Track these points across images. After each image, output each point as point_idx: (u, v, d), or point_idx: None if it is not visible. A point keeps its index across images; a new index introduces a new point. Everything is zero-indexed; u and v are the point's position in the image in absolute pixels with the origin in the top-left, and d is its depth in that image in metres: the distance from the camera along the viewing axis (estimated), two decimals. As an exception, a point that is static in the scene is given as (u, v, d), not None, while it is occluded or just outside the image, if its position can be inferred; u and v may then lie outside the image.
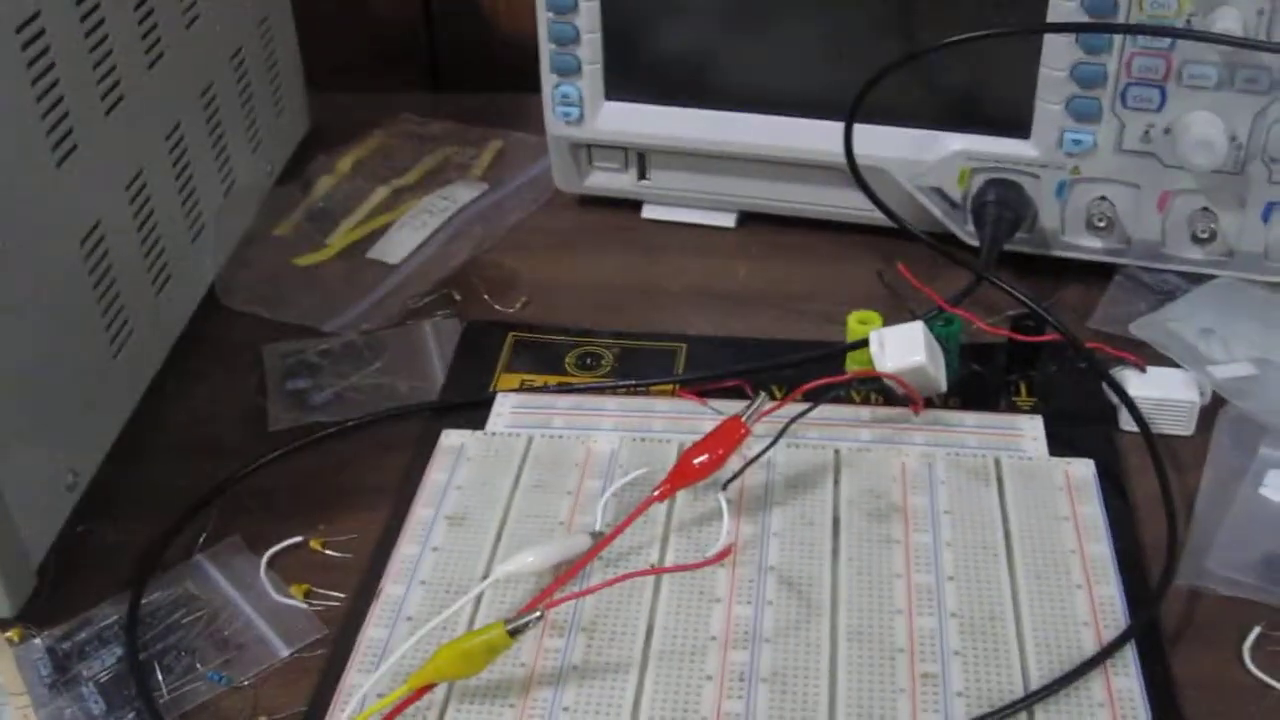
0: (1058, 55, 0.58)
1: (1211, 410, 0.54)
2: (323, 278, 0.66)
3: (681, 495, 0.49)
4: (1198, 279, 0.61)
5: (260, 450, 0.54)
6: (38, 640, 0.46)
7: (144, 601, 0.48)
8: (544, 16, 0.64)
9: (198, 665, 0.46)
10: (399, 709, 0.41)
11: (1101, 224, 0.61)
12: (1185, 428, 0.54)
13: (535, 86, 0.66)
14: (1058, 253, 0.63)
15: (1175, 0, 0.55)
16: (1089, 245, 0.62)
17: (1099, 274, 0.62)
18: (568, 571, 0.45)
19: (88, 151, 0.52)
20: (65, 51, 0.50)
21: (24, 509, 0.47)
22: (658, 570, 0.46)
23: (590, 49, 0.64)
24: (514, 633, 0.41)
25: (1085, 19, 0.57)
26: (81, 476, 0.52)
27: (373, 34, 0.89)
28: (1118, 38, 0.57)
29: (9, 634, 0.46)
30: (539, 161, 0.71)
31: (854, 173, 0.60)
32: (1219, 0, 0.55)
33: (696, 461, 0.47)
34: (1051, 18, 0.58)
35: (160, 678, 0.45)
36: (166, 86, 0.59)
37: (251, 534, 0.51)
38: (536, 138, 0.71)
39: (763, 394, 0.48)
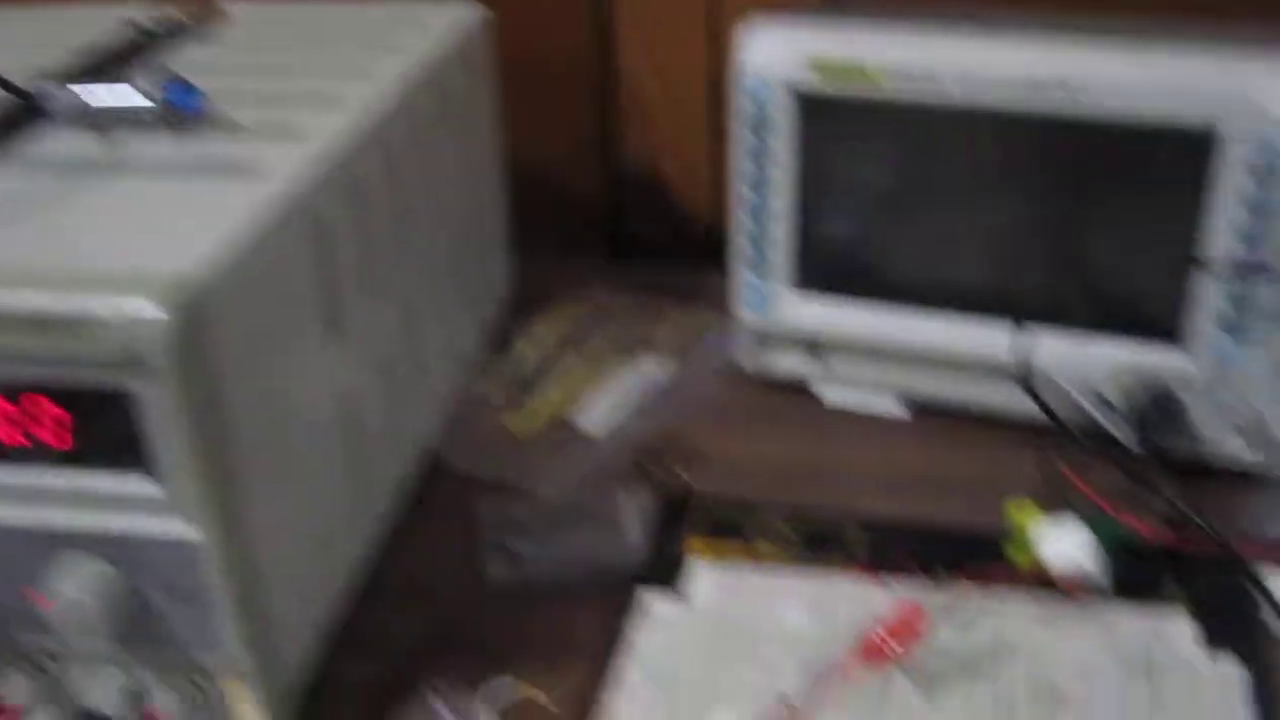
0: (1215, 281, 0.64)
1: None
2: (528, 442, 0.73)
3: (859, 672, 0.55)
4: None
5: (475, 601, 0.61)
6: (295, 766, 0.53)
7: (385, 735, 0.55)
8: (741, 219, 0.72)
9: (435, 799, 0.52)
10: None
11: (1250, 434, 0.66)
12: (1331, 634, 0.58)
13: (715, 261, 0.73)
14: (1211, 462, 0.68)
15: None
16: (1238, 454, 0.67)
17: (1249, 485, 0.67)
18: (763, 737, 0.51)
19: (351, 328, 0.60)
20: (342, 247, 0.59)
21: (291, 646, 0.54)
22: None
23: (781, 248, 0.71)
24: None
25: (1238, 246, 0.63)
26: (326, 618, 0.59)
27: (574, 206, 0.97)
28: (1271, 270, 0.62)
29: (272, 758, 0.53)
30: (721, 339, 0.78)
31: (1022, 382, 0.66)
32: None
33: (881, 641, 0.53)
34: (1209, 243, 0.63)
35: (402, 806, 0.52)
36: (410, 267, 0.68)
37: (475, 677, 0.57)
38: (713, 314, 0.77)
39: (952, 590, 0.54)
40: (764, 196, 0.70)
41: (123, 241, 0.50)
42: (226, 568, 0.50)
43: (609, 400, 0.76)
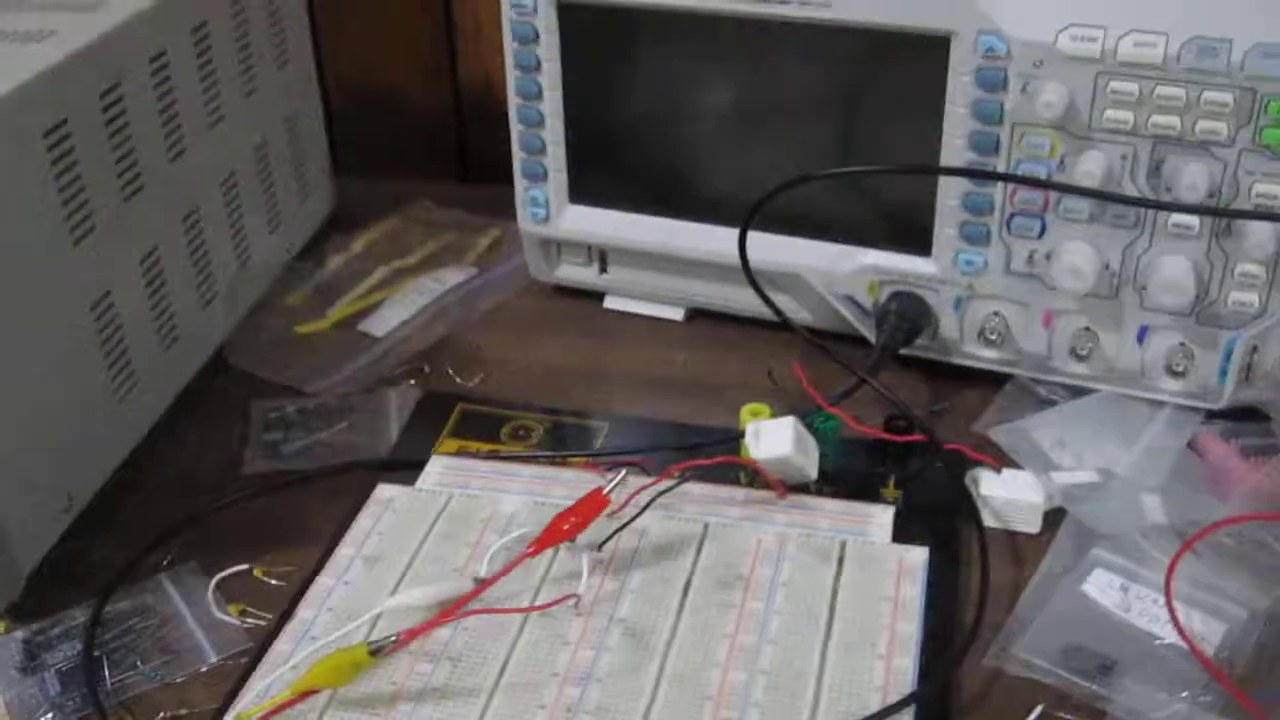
0: (952, 186, 0.66)
1: (1062, 514, 0.60)
2: (317, 345, 0.76)
3: (563, 553, 0.57)
4: (1083, 392, 0.68)
5: (231, 491, 0.64)
6: (17, 633, 0.56)
7: (108, 609, 0.57)
8: (515, 129, 0.74)
9: (139, 664, 0.55)
10: (281, 707, 0.50)
11: (994, 337, 0.68)
12: (1031, 526, 0.61)
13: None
14: (956, 360, 0.70)
15: (1048, 143, 0.63)
16: (984, 355, 0.69)
17: (995, 382, 0.69)
18: (447, 609, 0.54)
19: (104, 232, 0.62)
20: (88, 151, 0.61)
21: (21, 524, 0.57)
22: (495, 611, 0.54)
23: (555, 159, 0.74)
24: (373, 652, 0.50)
25: (972, 156, 0.64)
26: (76, 501, 0.62)
27: (411, 126, 0.99)
28: (1000, 174, 0.64)
29: (-4, 626, 0.56)
30: (523, 252, 0.81)
31: (748, 276, 0.68)
32: (1086, 144, 0.62)
33: (565, 526, 0.55)
34: (944, 156, 0.65)
35: (107, 671, 0.55)
36: (186, 177, 0.70)
37: (209, 561, 0.60)
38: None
39: (625, 470, 0.57)
40: (534, 107, 0.72)
41: None
42: (-71, 442, 0.52)
43: (401, 307, 0.78)
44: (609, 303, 0.78)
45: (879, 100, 0.67)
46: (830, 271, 0.70)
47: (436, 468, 0.64)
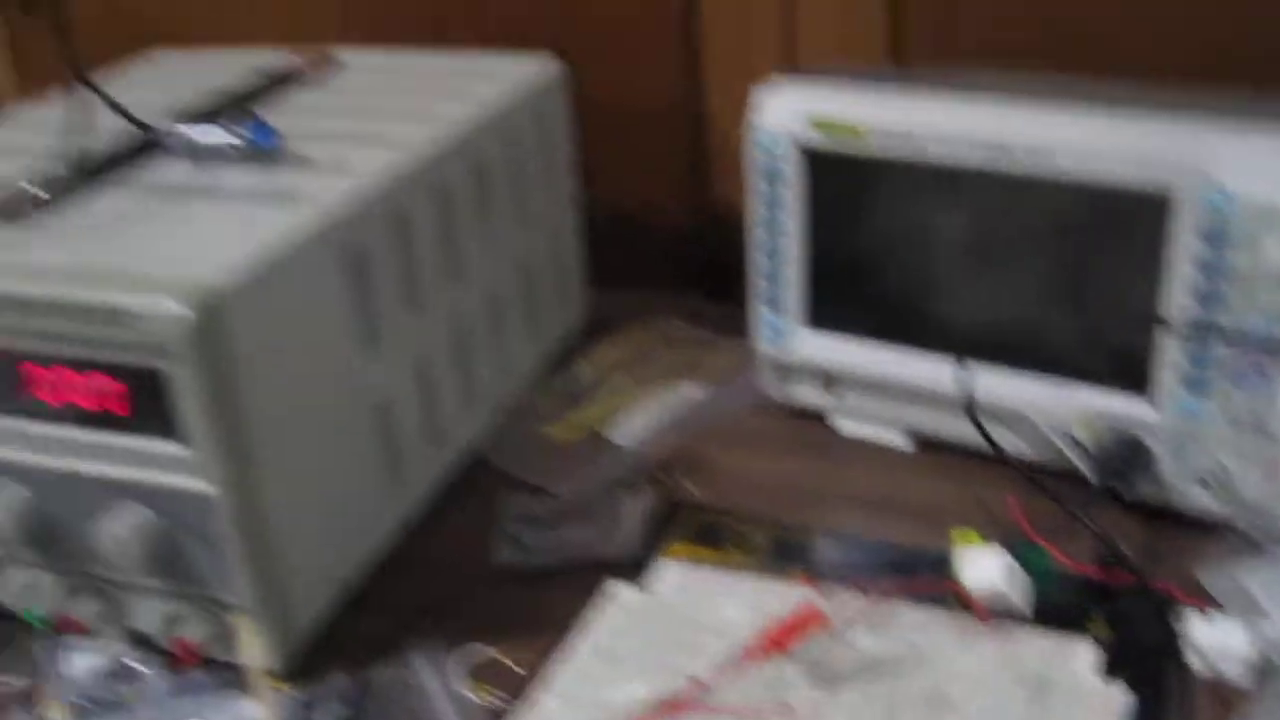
0: (1174, 338, 0.68)
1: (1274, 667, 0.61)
2: (564, 448, 0.82)
3: (777, 662, 0.62)
4: (1305, 544, 0.68)
5: (481, 579, 0.71)
6: (290, 691, 0.64)
7: (371, 676, 0.65)
8: (756, 259, 0.79)
9: (394, 731, 0.62)
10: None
11: (1213, 484, 0.69)
12: (1239, 676, 0.61)
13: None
14: (1173, 504, 0.71)
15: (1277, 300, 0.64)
16: (1201, 502, 0.70)
17: (1211, 528, 0.70)
18: (669, 705, 0.59)
19: (388, 342, 0.71)
20: (382, 272, 0.70)
21: (301, 601, 0.66)
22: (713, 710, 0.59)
23: (792, 288, 0.79)
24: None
25: (1196, 309, 0.66)
26: (349, 580, 0.70)
27: (660, 243, 1.07)
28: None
29: (273, 682, 0.64)
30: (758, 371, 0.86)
31: (966, 411, 0.71)
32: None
33: (781, 637, 0.60)
34: (1168, 305, 0.67)
35: (368, 735, 0.62)
36: (459, 294, 0.78)
37: (458, 642, 0.67)
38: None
39: (840, 588, 0.61)
40: (776, 240, 0.78)
41: (172, 252, 0.62)
42: (236, 521, 0.61)
43: (643, 417, 0.84)
44: (838, 425, 0.83)
45: (1104, 248, 0.70)
46: (1051, 410, 0.73)
47: (666, 571, 0.69)
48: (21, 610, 0.67)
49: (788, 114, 0.75)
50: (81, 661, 0.66)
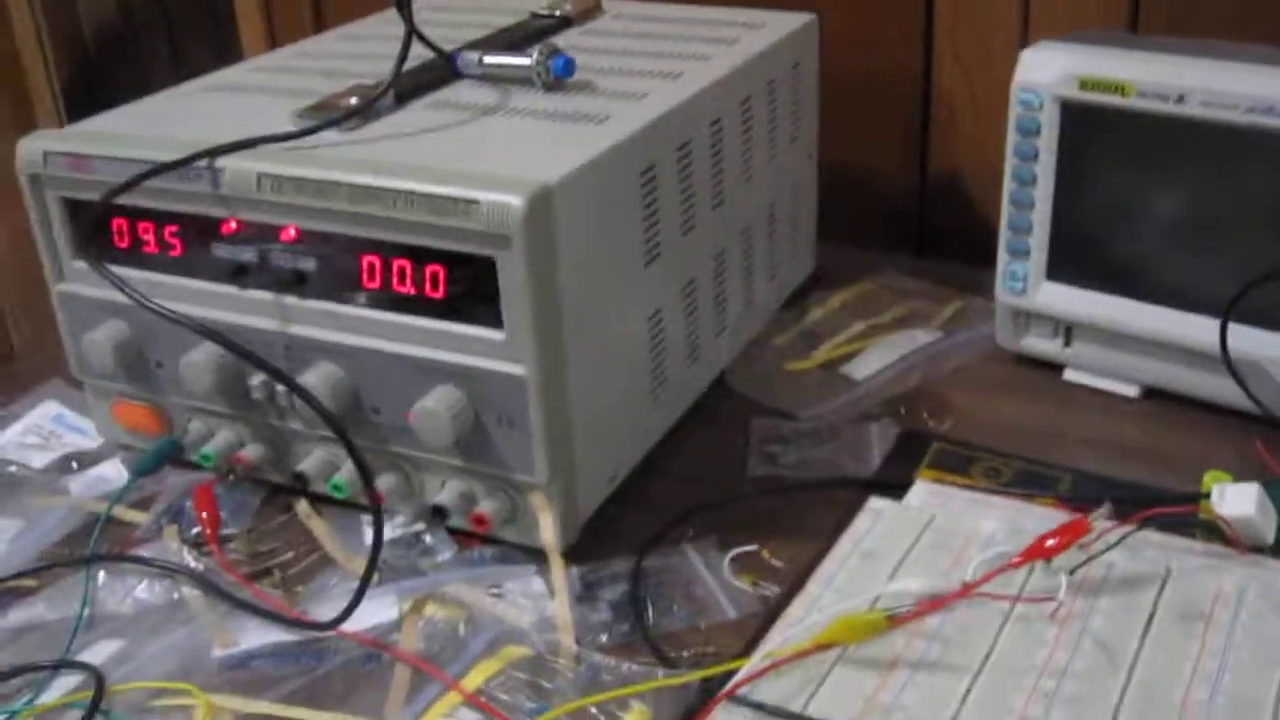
0: None
1: None
2: (804, 380, 0.87)
3: (1038, 572, 0.65)
4: None
5: (740, 487, 0.76)
6: (574, 569, 0.70)
7: (645, 563, 0.70)
8: (1007, 209, 0.83)
9: (674, 608, 0.67)
10: (804, 653, 0.60)
11: None
12: None
13: (994, 262, 0.85)
14: None
15: None
16: None
17: None
18: (940, 598, 0.63)
19: (665, 260, 0.76)
20: (665, 191, 0.75)
21: (585, 487, 0.71)
22: (991, 596, 0.63)
23: (1038, 239, 0.83)
24: (890, 618, 0.59)
25: None
26: (618, 476, 0.75)
27: (880, 203, 1.11)
28: None
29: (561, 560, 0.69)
30: (988, 322, 0.90)
31: (1226, 363, 0.74)
32: None
33: (1048, 543, 0.64)
34: None
35: (649, 609, 0.67)
36: (721, 223, 0.83)
37: (724, 539, 0.72)
38: (988, 303, 0.89)
39: (1109, 506, 0.64)
40: (1027, 191, 0.82)
41: (502, 157, 0.68)
42: (542, 401, 0.66)
43: (876, 357, 0.89)
44: (1068, 375, 0.86)
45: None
46: (1291, 364, 0.76)
47: (920, 491, 0.74)
48: (325, 483, 0.74)
49: (1053, 72, 0.79)
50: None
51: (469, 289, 0.66)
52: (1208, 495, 0.68)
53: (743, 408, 0.84)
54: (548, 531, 0.69)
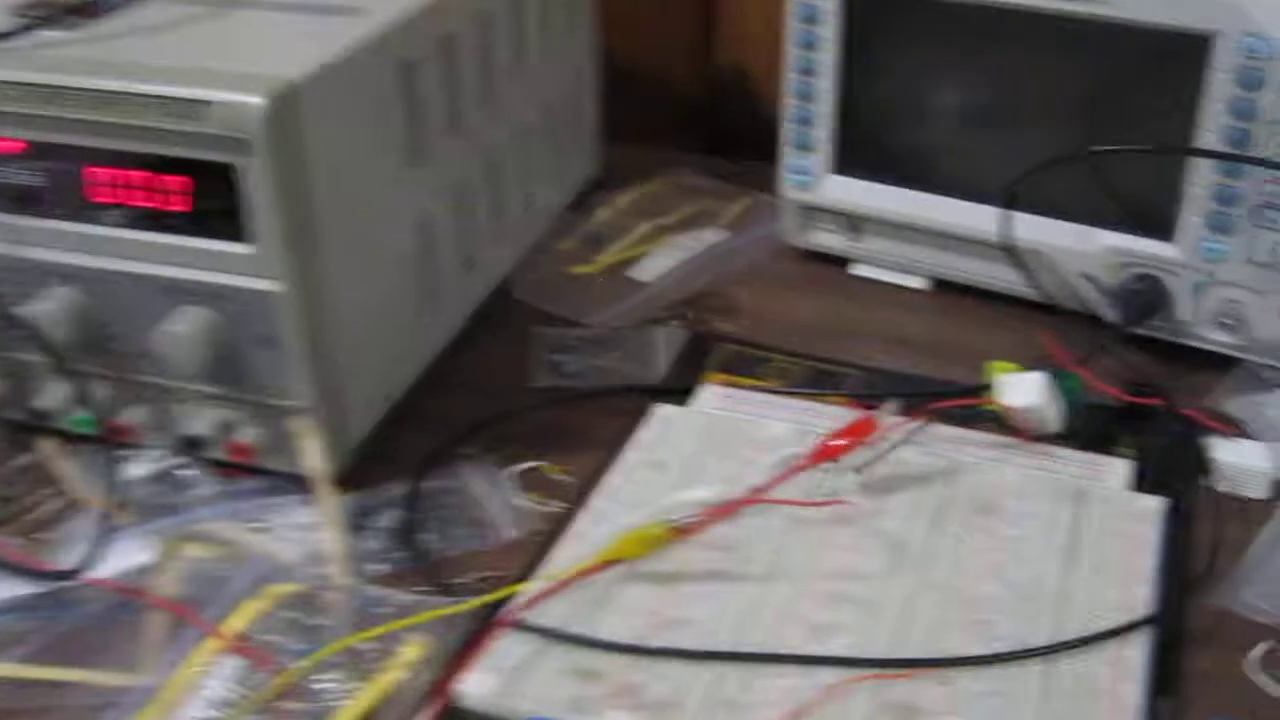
0: (1201, 176, 0.71)
1: (1289, 482, 0.65)
2: (588, 285, 0.84)
3: (827, 474, 0.64)
4: (1313, 380, 0.72)
5: (522, 400, 0.72)
6: (349, 497, 0.65)
7: (422, 486, 0.66)
8: (790, 101, 0.81)
9: (454, 532, 0.63)
10: (587, 571, 0.57)
11: (1229, 322, 0.73)
12: (1260, 492, 0.65)
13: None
14: (1190, 342, 0.74)
15: (1302, 140, 0.67)
16: (1216, 339, 0.74)
17: (1226, 364, 0.74)
18: (726, 506, 0.61)
19: (431, 159, 0.71)
20: (428, 87, 0.70)
21: (355, 409, 0.66)
22: (778, 501, 0.61)
23: (822, 131, 0.80)
24: (676, 529, 0.57)
25: (1225, 148, 0.69)
26: (393, 396, 0.71)
27: (668, 103, 1.07)
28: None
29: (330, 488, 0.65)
30: (775, 218, 0.87)
31: (1013, 256, 0.73)
32: (1339, 143, 0.66)
33: (836, 443, 0.62)
34: (1199, 144, 0.70)
35: (427, 535, 0.63)
36: (493, 120, 0.79)
37: (506, 455, 0.68)
38: (776, 199, 0.87)
39: (896, 401, 0.63)
40: (810, 82, 0.79)
41: (243, 53, 0.62)
42: (300, 319, 0.61)
43: (663, 259, 0.86)
44: (856, 269, 0.85)
45: (1136, 93, 0.72)
46: (1075, 251, 0.75)
47: (708, 394, 0.71)
48: (68, 420, 0.67)
49: (830, -47, 0.76)
50: (132, 470, 0.67)
51: (214, 202, 0.60)
52: (989, 386, 0.68)
53: (526, 316, 0.81)
54: (313, 457, 0.64)
